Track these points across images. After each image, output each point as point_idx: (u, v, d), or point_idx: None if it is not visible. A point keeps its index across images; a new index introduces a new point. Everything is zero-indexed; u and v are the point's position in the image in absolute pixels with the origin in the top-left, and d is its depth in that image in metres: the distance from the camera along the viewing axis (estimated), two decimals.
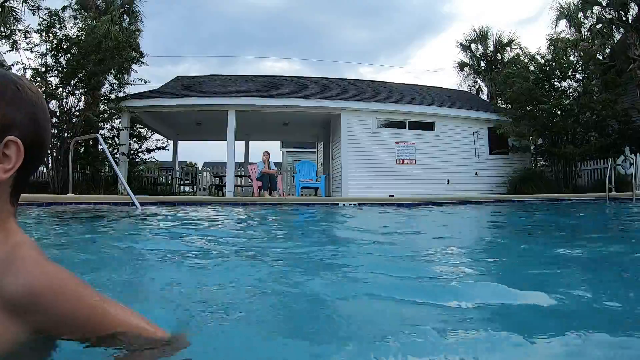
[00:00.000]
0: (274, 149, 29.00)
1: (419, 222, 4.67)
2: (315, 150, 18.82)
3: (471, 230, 3.96)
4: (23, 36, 9.11)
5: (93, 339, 0.61)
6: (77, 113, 9.54)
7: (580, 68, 10.99)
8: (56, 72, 9.24)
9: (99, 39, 9.04)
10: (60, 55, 9.25)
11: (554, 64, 10.78)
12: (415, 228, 4.17)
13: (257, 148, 29.73)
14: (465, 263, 2.03)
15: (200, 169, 20.12)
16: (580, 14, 12.69)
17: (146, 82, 10.91)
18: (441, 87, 15.89)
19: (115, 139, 10.75)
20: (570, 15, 12.86)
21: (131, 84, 11.14)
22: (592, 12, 12.53)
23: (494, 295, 1.41)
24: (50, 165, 9.40)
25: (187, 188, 14.73)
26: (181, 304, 1.23)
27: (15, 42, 9.02)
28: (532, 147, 12.35)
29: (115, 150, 10.39)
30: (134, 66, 10.67)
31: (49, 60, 9.19)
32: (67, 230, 3.68)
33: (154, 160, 12.86)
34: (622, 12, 11.58)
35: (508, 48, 18.76)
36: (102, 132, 10.54)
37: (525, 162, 12.30)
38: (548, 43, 11.72)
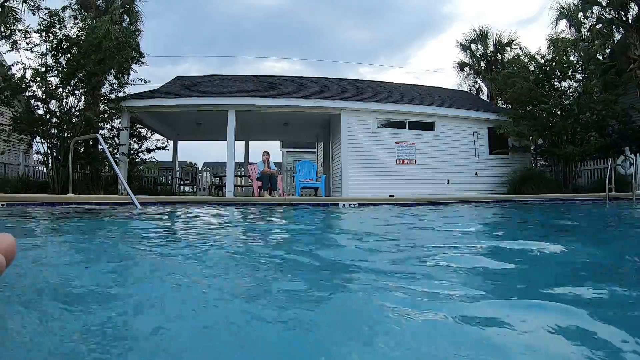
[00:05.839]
0: (274, 149, 29.04)
1: (418, 222, 4.67)
2: (315, 150, 18.82)
3: (470, 230, 3.96)
4: (23, 36, 9.10)
5: None
6: (77, 113, 9.54)
7: (580, 68, 10.99)
8: (56, 72, 9.22)
9: (99, 39, 9.03)
10: (60, 55, 9.24)
11: (554, 64, 10.78)
12: (414, 228, 4.17)
13: (257, 148, 29.78)
14: (464, 263, 2.03)
15: (200, 169, 20.12)
16: (580, 14, 12.69)
17: (146, 82, 10.91)
18: (441, 87, 15.90)
19: (115, 139, 10.75)
20: (570, 15, 12.86)
21: (131, 84, 11.15)
22: (592, 12, 12.53)
23: (492, 295, 1.41)
24: (50, 165, 9.40)
25: (187, 188, 14.74)
26: (178, 303, 1.23)
27: (15, 42, 9.01)
28: (532, 147, 12.34)
29: (115, 150, 10.39)
30: (134, 66, 10.65)
31: (49, 60, 9.18)
32: (67, 230, 3.68)
33: (154, 160, 12.85)
34: (622, 12, 11.58)
35: (508, 48, 18.79)
36: (102, 132, 10.53)
37: (525, 162, 12.30)
38: (548, 43, 11.72)
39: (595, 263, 2.06)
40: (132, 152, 11.49)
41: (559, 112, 11.03)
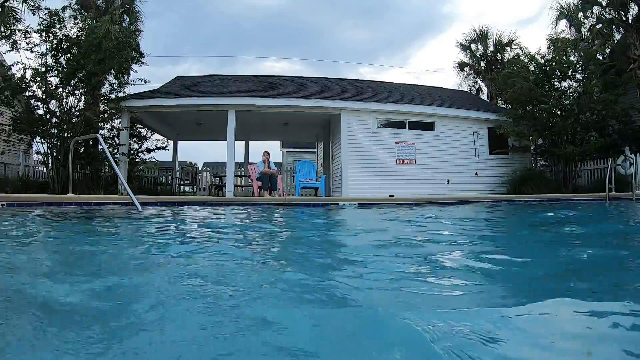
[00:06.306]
0: (274, 149, 29.04)
1: (418, 222, 4.67)
2: (315, 150, 18.82)
3: (470, 230, 3.96)
4: (23, 36, 9.09)
5: None
6: (77, 113, 9.53)
7: (580, 68, 10.98)
8: (56, 72, 9.21)
9: (99, 39, 9.02)
10: (60, 55, 9.23)
11: (554, 64, 10.77)
12: (414, 228, 4.17)
13: (257, 148, 29.77)
14: (462, 263, 2.03)
15: (200, 169, 20.12)
16: (580, 14, 12.67)
17: (146, 82, 10.90)
18: (441, 87, 15.89)
19: (115, 139, 10.74)
20: (570, 15, 12.84)
21: (131, 84, 11.13)
22: (592, 12, 12.52)
23: (491, 296, 1.41)
24: (50, 165, 9.39)
25: (187, 188, 14.75)
26: (176, 304, 1.22)
27: (15, 42, 9.00)
28: (532, 147, 12.34)
29: (115, 150, 10.38)
30: (134, 66, 10.62)
31: (49, 60, 9.17)
32: (67, 230, 3.68)
33: (154, 160, 12.86)
34: (622, 12, 11.58)
35: (508, 48, 18.78)
36: (102, 132, 10.52)
37: (525, 162, 12.29)
38: (548, 43, 11.71)
39: (594, 261, 2.06)
40: (132, 152, 11.49)
41: (559, 112, 11.02)
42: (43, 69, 9.04)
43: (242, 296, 1.33)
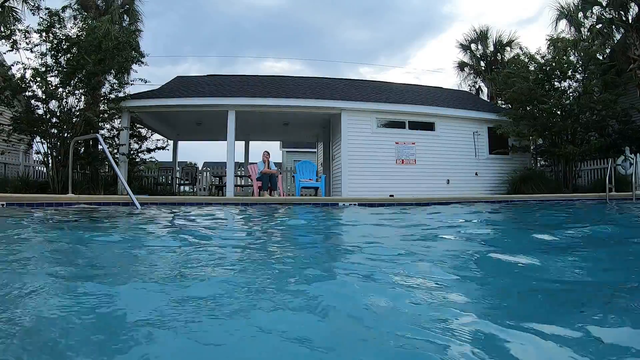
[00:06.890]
0: (274, 149, 29.07)
1: (417, 222, 4.67)
2: (315, 150, 18.83)
3: (470, 230, 3.96)
4: (23, 36, 9.09)
5: None
6: (77, 113, 9.53)
7: (580, 68, 10.98)
8: (56, 72, 9.21)
9: (99, 39, 9.02)
10: (60, 55, 9.23)
11: (554, 64, 10.77)
12: (413, 228, 4.17)
13: (257, 148, 29.80)
14: (462, 264, 2.03)
15: (200, 169, 20.12)
16: (580, 14, 12.68)
17: (146, 82, 10.90)
18: (441, 87, 15.90)
19: (115, 139, 10.74)
20: (570, 15, 12.85)
21: (131, 84, 11.13)
22: (592, 12, 12.52)
23: (489, 298, 1.41)
24: (50, 165, 9.39)
25: (187, 188, 14.74)
26: (176, 303, 1.23)
27: (15, 42, 9.00)
28: (532, 147, 12.34)
29: (115, 150, 10.39)
30: (134, 66, 10.62)
31: (49, 60, 9.17)
32: (66, 230, 3.68)
33: (154, 160, 12.85)
34: (622, 12, 11.58)
35: (508, 48, 18.80)
36: (102, 132, 10.52)
37: (525, 162, 12.30)
38: (548, 43, 11.72)
39: (592, 259, 2.06)
40: (132, 152, 11.49)
41: (559, 112, 11.02)
42: (43, 69, 9.04)
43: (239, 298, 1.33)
